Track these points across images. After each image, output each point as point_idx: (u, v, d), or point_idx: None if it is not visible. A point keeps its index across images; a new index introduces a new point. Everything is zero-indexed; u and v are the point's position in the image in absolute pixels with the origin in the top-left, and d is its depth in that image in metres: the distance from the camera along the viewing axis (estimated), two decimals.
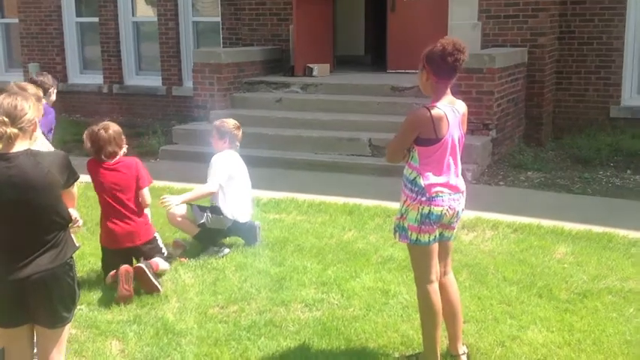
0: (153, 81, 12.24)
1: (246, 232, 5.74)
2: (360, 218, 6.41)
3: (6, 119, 3.04)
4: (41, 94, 5.54)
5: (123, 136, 5.20)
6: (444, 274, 3.85)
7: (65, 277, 3.19)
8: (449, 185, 3.68)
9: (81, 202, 6.53)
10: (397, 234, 3.79)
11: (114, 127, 5.16)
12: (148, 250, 5.12)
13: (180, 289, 4.93)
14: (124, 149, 5.19)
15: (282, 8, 10.47)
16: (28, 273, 3.07)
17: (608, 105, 9.59)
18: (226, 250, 5.59)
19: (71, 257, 3.24)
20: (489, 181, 7.72)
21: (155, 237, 5.22)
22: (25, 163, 3.06)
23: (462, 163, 3.82)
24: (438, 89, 3.65)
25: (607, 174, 7.95)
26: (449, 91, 3.68)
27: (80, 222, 3.73)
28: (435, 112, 3.59)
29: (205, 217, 5.56)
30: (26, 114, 3.11)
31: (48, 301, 3.15)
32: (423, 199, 3.66)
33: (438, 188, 3.65)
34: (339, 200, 6.91)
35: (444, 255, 3.85)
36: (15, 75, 13.22)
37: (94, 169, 5.12)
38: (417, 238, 3.71)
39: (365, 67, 11.32)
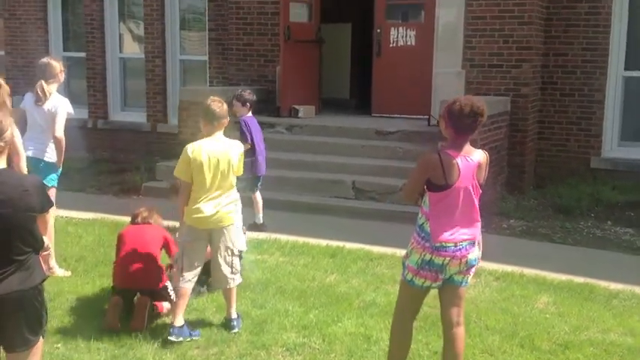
0: (138, 117, 12.24)
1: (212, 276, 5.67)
2: (343, 261, 6.39)
3: None
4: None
5: None
6: (456, 324, 3.86)
7: (33, 301, 3.16)
8: (456, 235, 3.71)
9: (60, 237, 6.49)
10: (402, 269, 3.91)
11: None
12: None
13: (159, 329, 4.86)
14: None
15: (269, 50, 10.56)
16: None
17: (589, 156, 9.72)
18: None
19: (40, 283, 3.21)
20: None
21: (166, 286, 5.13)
22: (7, 181, 3.06)
23: None
24: (456, 140, 3.72)
25: (588, 224, 8.01)
26: (467, 142, 3.74)
27: (50, 250, 3.71)
28: (445, 157, 3.66)
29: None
30: (7, 129, 3.11)
31: (14, 323, 3.10)
32: (427, 244, 3.73)
33: (444, 237, 3.69)
34: (322, 242, 6.89)
35: (455, 301, 3.86)
36: None
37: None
38: (411, 278, 3.81)
39: (350, 110, 11.41)
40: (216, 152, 4.65)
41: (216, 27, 11.42)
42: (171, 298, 5.10)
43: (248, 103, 7.33)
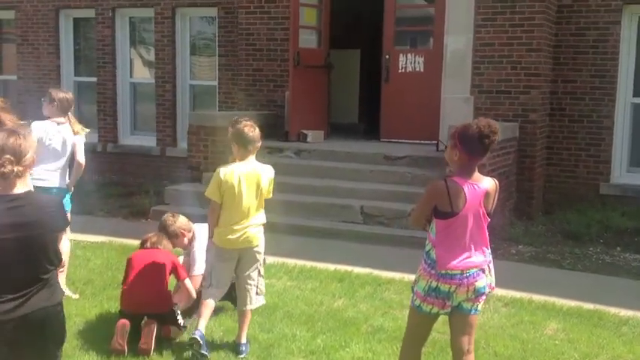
0: (147, 141, 12.32)
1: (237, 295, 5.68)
2: (351, 286, 6.37)
3: (12, 158, 3.07)
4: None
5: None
6: (466, 352, 3.83)
7: (58, 317, 3.21)
8: (463, 263, 3.70)
9: (69, 259, 6.49)
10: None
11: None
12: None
13: (166, 353, 4.84)
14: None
15: (278, 75, 10.63)
16: (25, 311, 3.07)
17: (598, 182, 9.70)
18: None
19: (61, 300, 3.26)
20: None
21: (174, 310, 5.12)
22: (31, 204, 3.11)
23: None
24: (466, 167, 3.70)
25: (597, 250, 7.97)
26: (476, 168, 3.72)
27: (66, 266, 3.76)
28: (452, 185, 3.66)
29: None
30: (28, 153, 3.16)
31: (41, 340, 3.14)
32: (433, 272, 3.73)
33: (450, 264, 3.68)
34: (330, 267, 6.88)
35: (465, 329, 3.83)
36: None
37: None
38: (419, 305, 3.80)
39: (358, 135, 11.44)
40: (248, 176, 4.79)
41: (226, 53, 11.53)
42: (179, 322, 5.10)
43: None
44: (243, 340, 4.93)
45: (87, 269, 6.69)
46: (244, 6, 10.76)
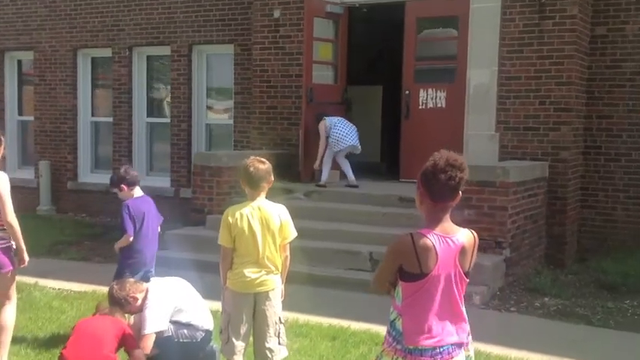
0: (161, 182, 11.89)
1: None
2: (344, 345, 5.66)
3: None
4: None
5: None
6: None
7: None
8: (436, 336, 3.00)
9: (42, 312, 5.98)
10: None
11: None
12: None
13: None
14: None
15: (292, 112, 10.10)
16: None
17: (638, 226, 8.82)
18: None
19: None
20: (500, 306, 6.92)
21: None
22: None
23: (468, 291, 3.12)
24: (433, 214, 3.01)
25: (634, 304, 7.07)
26: (447, 217, 3.02)
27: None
28: (420, 240, 2.95)
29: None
30: None
31: None
32: (399, 347, 3.02)
33: (420, 338, 2.98)
34: (325, 321, 6.20)
35: None
36: (27, 172, 13.04)
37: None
38: None
39: (379, 175, 10.78)
40: (256, 216, 4.53)
41: (242, 90, 11.11)
42: None
43: (123, 184, 6.03)
44: None
45: (57, 323, 6.12)
46: (259, 42, 10.32)
